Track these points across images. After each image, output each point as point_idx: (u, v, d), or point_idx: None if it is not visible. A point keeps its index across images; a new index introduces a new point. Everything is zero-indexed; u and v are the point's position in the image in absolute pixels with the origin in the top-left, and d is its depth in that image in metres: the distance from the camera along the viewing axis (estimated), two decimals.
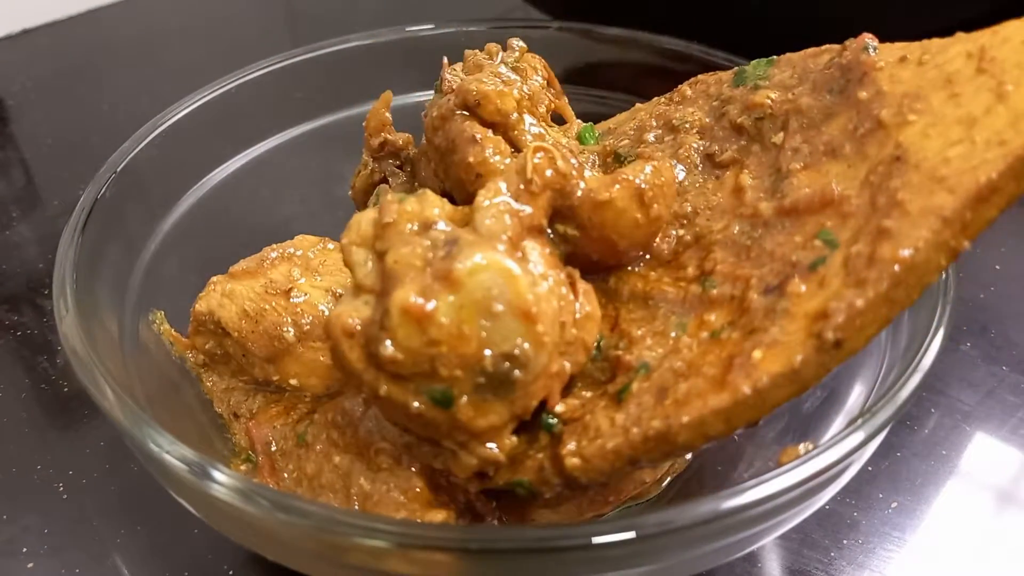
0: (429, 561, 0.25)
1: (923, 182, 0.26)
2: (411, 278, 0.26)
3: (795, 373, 0.25)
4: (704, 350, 0.28)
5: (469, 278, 0.26)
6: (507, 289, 0.26)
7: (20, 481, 0.41)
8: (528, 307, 0.26)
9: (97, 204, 0.36)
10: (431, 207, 0.28)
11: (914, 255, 0.25)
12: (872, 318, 0.25)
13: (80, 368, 0.29)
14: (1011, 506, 0.41)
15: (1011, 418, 0.45)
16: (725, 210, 0.31)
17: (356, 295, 0.27)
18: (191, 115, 0.42)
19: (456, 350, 0.26)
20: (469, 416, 0.27)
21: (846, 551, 0.39)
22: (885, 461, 0.42)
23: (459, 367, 0.26)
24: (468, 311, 0.26)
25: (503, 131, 0.33)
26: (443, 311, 0.25)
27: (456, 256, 0.26)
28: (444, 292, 0.26)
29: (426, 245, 0.27)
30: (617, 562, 0.26)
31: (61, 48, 0.81)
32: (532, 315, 0.26)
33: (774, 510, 0.25)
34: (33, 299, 0.52)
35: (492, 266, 0.26)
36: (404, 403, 0.27)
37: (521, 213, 0.28)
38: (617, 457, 0.27)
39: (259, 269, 0.37)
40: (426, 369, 0.26)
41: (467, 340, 0.26)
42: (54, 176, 0.64)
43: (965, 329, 0.50)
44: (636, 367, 0.29)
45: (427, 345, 0.26)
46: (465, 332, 0.26)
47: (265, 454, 0.34)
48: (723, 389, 0.26)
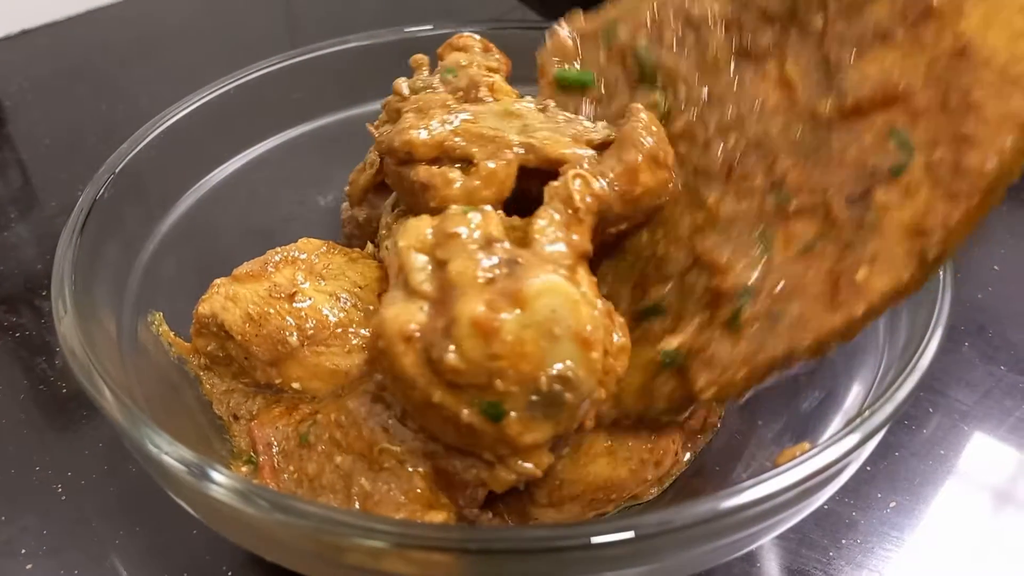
0: (428, 562, 0.25)
1: (997, 82, 0.25)
2: (476, 291, 0.27)
3: (903, 288, 0.27)
4: (803, 267, 0.28)
5: (536, 299, 0.26)
6: (569, 314, 0.27)
7: (19, 482, 0.41)
8: (586, 334, 0.27)
9: (96, 205, 0.36)
10: (494, 223, 0.29)
11: (1000, 166, 0.25)
12: (965, 229, 0.26)
13: (78, 369, 0.29)
14: (1009, 505, 0.41)
15: (1009, 418, 0.45)
16: (777, 109, 0.31)
17: (410, 299, 0.28)
18: (190, 116, 0.42)
19: (515, 366, 0.26)
20: (517, 432, 0.27)
21: (844, 551, 0.39)
22: (883, 461, 0.43)
23: (516, 383, 0.26)
24: (531, 331, 0.26)
25: (445, 154, 0.33)
26: (508, 328, 0.26)
27: (523, 276, 0.27)
28: (511, 309, 0.26)
29: (490, 261, 0.27)
30: (616, 562, 0.26)
31: (59, 49, 0.81)
32: (589, 342, 0.27)
33: (772, 510, 0.25)
34: (31, 300, 0.52)
35: (558, 290, 0.27)
36: (455, 412, 0.27)
37: (574, 240, 0.29)
38: (747, 384, 0.29)
39: (263, 272, 0.37)
40: (484, 381, 0.26)
41: (527, 358, 0.26)
42: (52, 177, 0.64)
43: (963, 329, 0.50)
44: (739, 293, 0.29)
45: (489, 358, 0.26)
46: (527, 350, 0.26)
47: (266, 455, 0.34)
48: (836, 310, 0.27)
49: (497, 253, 0.28)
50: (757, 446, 0.38)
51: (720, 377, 0.29)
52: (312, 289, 0.37)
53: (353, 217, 0.45)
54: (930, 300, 0.31)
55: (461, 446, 0.29)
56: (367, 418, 0.31)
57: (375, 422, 0.31)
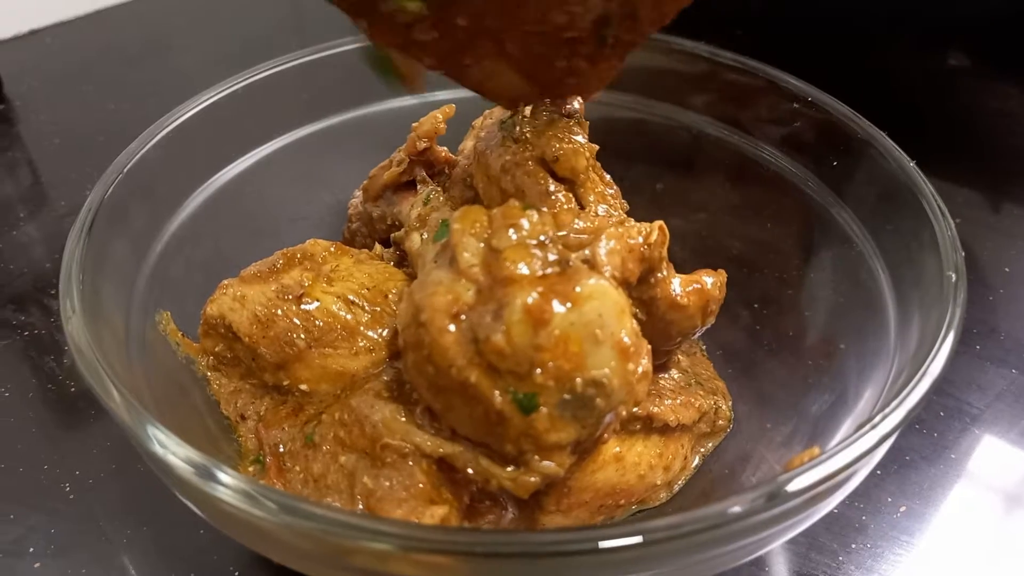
0: (434, 565, 0.25)
1: None
2: (530, 282, 0.27)
3: None
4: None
5: (587, 300, 0.27)
6: (615, 321, 0.27)
7: (27, 481, 0.41)
8: (626, 344, 0.27)
9: (104, 204, 0.36)
10: (550, 224, 0.29)
11: None
12: None
13: (86, 368, 0.29)
14: (1020, 509, 0.41)
15: (1020, 421, 0.45)
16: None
17: (457, 280, 0.28)
18: (198, 116, 0.42)
19: (556, 362, 0.27)
20: (544, 428, 0.28)
21: (854, 555, 0.38)
22: (894, 464, 0.42)
23: (553, 378, 0.27)
24: (578, 330, 0.27)
25: (571, 187, 0.35)
26: (557, 322, 0.27)
27: (576, 277, 0.28)
28: (563, 304, 0.27)
29: (545, 258, 0.28)
30: (624, 566, 0.25)
31: (68, 48, 0.82)
32: (628, 353, 0.28)
33: (782, 515, 0.25)
34: (40, 299, 0.52)
35: (609, 295, 0.28)
36: (488, 396, 0.27)
37: (627, 264, 0.30)
38: None
39: (270, 273, 0.37)
40: (524, 371, 0.27)
41: (569, 357, 0.27)
42: (61, 176, 0.64)
43: (975, 331, 0.50)
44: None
45: (534, 348, 0.27)
46: (570, 349, 0.27)
47: (273, 455, 0.34)
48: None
49: (551, 251, 0.28)
50: (767, 449, 0.38)
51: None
52: (320, 291, 0.37)
53: (365, 213, 0.45)
54: (942, 303, 0.30)
55: (478, 438, 0.29)
56: (369, 415, 0.31)
57: (378, 415, 0.31)
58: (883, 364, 0.33)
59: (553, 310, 0.27)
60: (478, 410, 0.28)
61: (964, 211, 0.58)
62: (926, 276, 0.33)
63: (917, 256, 0.34)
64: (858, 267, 0.38)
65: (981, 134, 0.67)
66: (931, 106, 0.70)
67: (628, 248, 0.30)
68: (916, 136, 0.39)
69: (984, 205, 0.59)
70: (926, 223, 0.34)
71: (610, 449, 0.34)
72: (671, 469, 0.37)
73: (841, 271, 0.39)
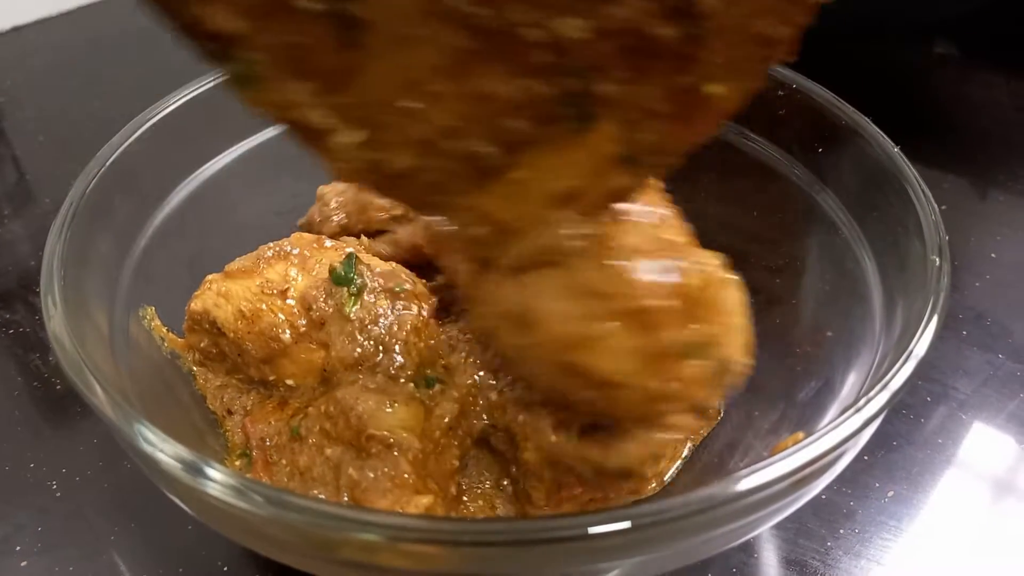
0: (423, 554, 0.25)
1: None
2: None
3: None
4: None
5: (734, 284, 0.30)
6: (742, 311, 0.30)
7: (13, 479, 0.41)
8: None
9: (85, 199, 0.35)
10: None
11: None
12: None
13: (69, 365, 0.29)
14: (1007, 494, 0.41)
15: (1007, 406, 0.45)
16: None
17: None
18: (181, 109, 0.42)
19: (728, 327, 0.29)
20: (704, 384, 0.29)
21: (842, 541, 0.39)
22: (881, 450, 0.42)
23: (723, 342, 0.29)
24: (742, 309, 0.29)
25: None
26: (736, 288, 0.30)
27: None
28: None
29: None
30: (613, 553, 0.26)
31: (52, 45, 0.81)
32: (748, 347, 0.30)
33: (768, 499, 0.25)
34: (25, 296, 0.52)
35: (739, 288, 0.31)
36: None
37: None
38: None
39: (255, 268, 0.37)
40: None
41: (736, 330, 0.29)
42: (46, 173, 0.64)
43: (961, 317, 0.50)
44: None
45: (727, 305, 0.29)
46: (736, 321, 0.29)
47: (260, 449, 0.34)
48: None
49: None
50: (754, 437, 0.38)
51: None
52: (304, 284, 0.36)
53: (355, 201, 0.44)
54: (926, 287, 0.31)
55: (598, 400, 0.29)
56: (354, 406, 0.31)
57: (363, 408, 0.31)
58: (868, 350, 0.33)
59: (733, 277, 0.30)
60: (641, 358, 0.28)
61: (950, 198, 0.58)
62: (911, 261, 0.33)
63: (902, 241, 0.34)
64: (843, 254, 0.38)
65: (967, 122, 0.67)
66: (917, 94, 0.70)
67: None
68: (902, 123, 0.39)
69: (970, 192, 0.60)
70: (910, 208, 0.34)
71: None
72: (660, 459, 0.37)
73: (827, 258, 0.39)
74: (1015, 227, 0.56)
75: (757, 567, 0.37)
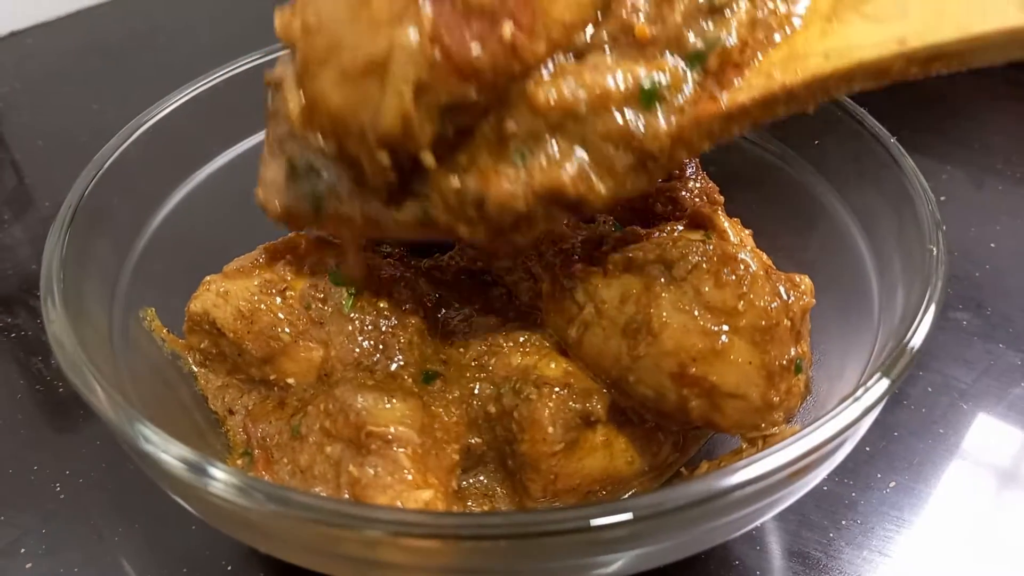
0: (424, 549, 0.25)
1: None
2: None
3: None
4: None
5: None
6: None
7: (17, 482, 0.41)
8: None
9: (83, 202, 0.35)
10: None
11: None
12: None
13: (69, 368, 0.29)
14: (1009, 483, 0.41)
15: (1007, 395, 0.45)
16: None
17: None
18: (178, 111, 0.42)
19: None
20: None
21: (845, 532, 0.39)
22: (882, 441, 0.42)
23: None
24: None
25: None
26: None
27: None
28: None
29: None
30: (615, 545, 0.26)
31: (50, 49, 0.81)
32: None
33: (767, 489, 0.25)
34: (27, 300, 0.52)
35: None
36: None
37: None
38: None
39: (253, 268, 0.37)
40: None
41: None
42: (46, 177, 0.64)
43: (960, 307, 0.50)
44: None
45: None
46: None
47: (261, 448, 0.34)
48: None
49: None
50: None
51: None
52: (303, 284, 0.36)
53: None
54: (924, 276, 0.31)
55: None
56: (353, 403, 0.31)
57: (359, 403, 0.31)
58: (867, 340, 0.33)
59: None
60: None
61: (948, 188, 0.58)
62: (908, 251, 0.33)
63: (899, 232, 0.34)
64: (842, 245, 0.38)
65: (964, 112, 0.67)
66: (913, 84, 0.70)
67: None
68: (898, 114, 0.39)
69: (967, 182, 0.60)
70: (907, 198, 0.34)
71: (598, 435, 0.34)
72: (659, 455, 0.37)
73: (825, 249, 0.39)
74: (1013, 216, 0.56)
75: (760, 559, 0.38)
